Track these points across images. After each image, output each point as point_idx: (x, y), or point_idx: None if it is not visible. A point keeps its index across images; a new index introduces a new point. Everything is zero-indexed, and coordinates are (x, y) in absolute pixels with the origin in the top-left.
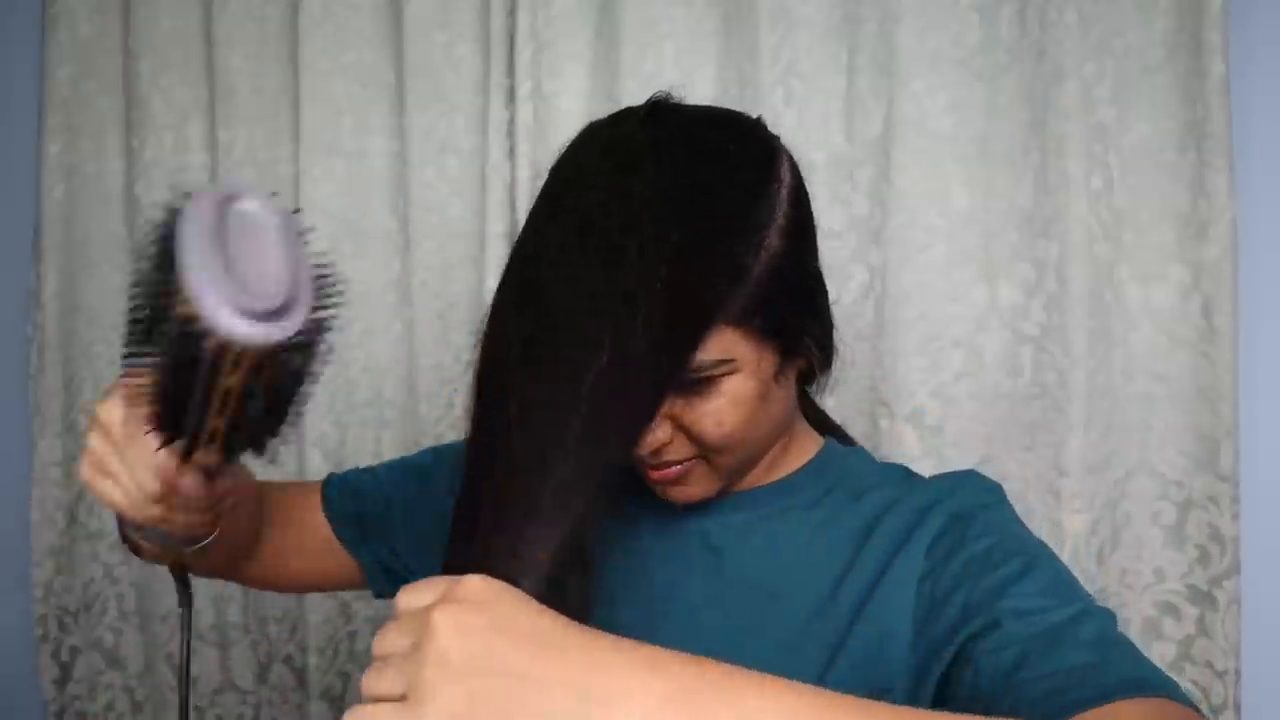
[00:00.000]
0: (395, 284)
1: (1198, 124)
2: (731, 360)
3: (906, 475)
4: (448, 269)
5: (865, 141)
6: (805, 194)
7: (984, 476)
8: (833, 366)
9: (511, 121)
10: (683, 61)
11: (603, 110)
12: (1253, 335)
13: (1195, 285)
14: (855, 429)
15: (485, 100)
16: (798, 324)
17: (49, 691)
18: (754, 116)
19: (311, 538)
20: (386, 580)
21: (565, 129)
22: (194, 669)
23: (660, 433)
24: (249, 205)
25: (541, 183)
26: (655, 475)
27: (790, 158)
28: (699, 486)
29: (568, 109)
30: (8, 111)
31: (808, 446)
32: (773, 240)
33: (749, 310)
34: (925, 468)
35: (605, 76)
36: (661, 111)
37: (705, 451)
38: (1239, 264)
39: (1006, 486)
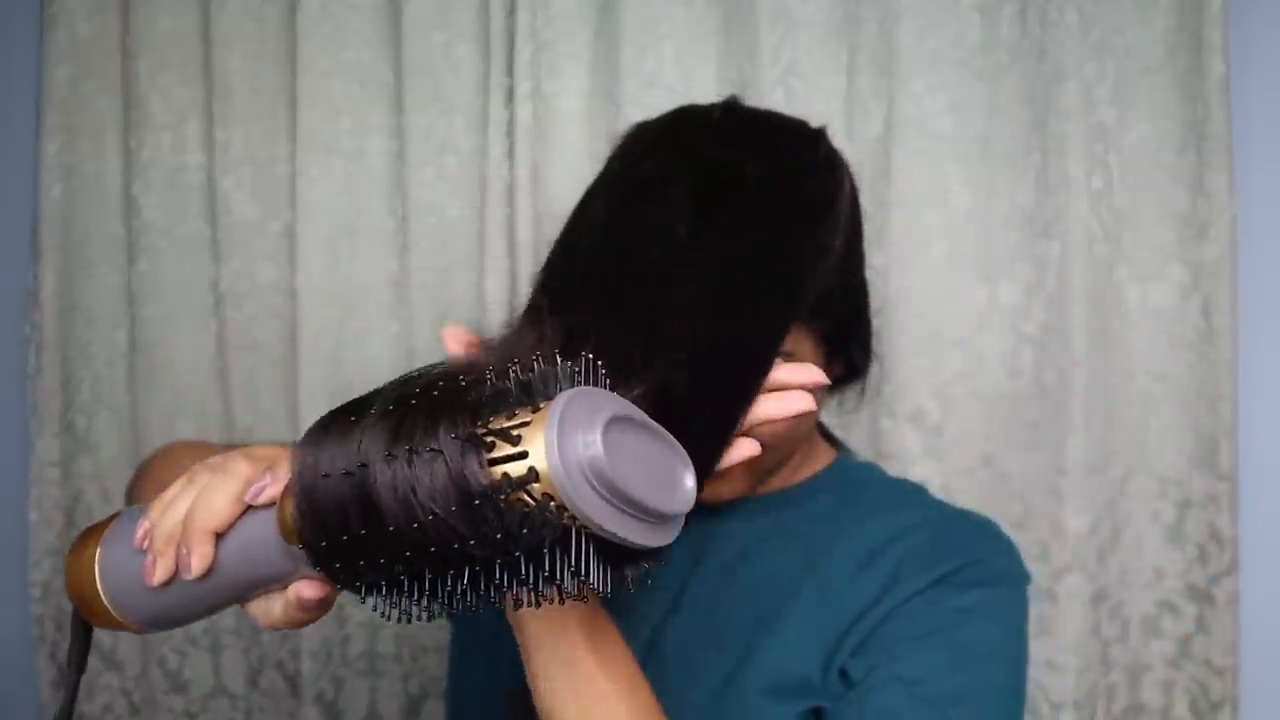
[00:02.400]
0: (393, 284)
1: (1198, 124)
2: (790, 354)
3: (922, 496)
4: (446, 269)
5: (865, 141)
6: (859, 206)
7: (1015, 557)
8: (868, 376)
9: (511, 121)
10: (683, 61)
11: (602, 110)
12: (1252, 335)
13: (1195, 285)
14: (856, 429)
15: (484, 100)
16: (847, 329)
17: (46, 694)
18: (816, 126)
19: None
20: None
21: (565, 129)
22: (186, 672)
23: None
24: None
25: (539, 184)
26: None
27: (850, 169)
28: (730, 485)
29: (567, 109)
30: (6, 111)
31: (821, 455)
32: (839, 244)
33: (813, 310)
34: (925, 468)
35: (605, 76)
36: (734, 112)
37: None
38: (1239, 264)
39: (1007, 486)
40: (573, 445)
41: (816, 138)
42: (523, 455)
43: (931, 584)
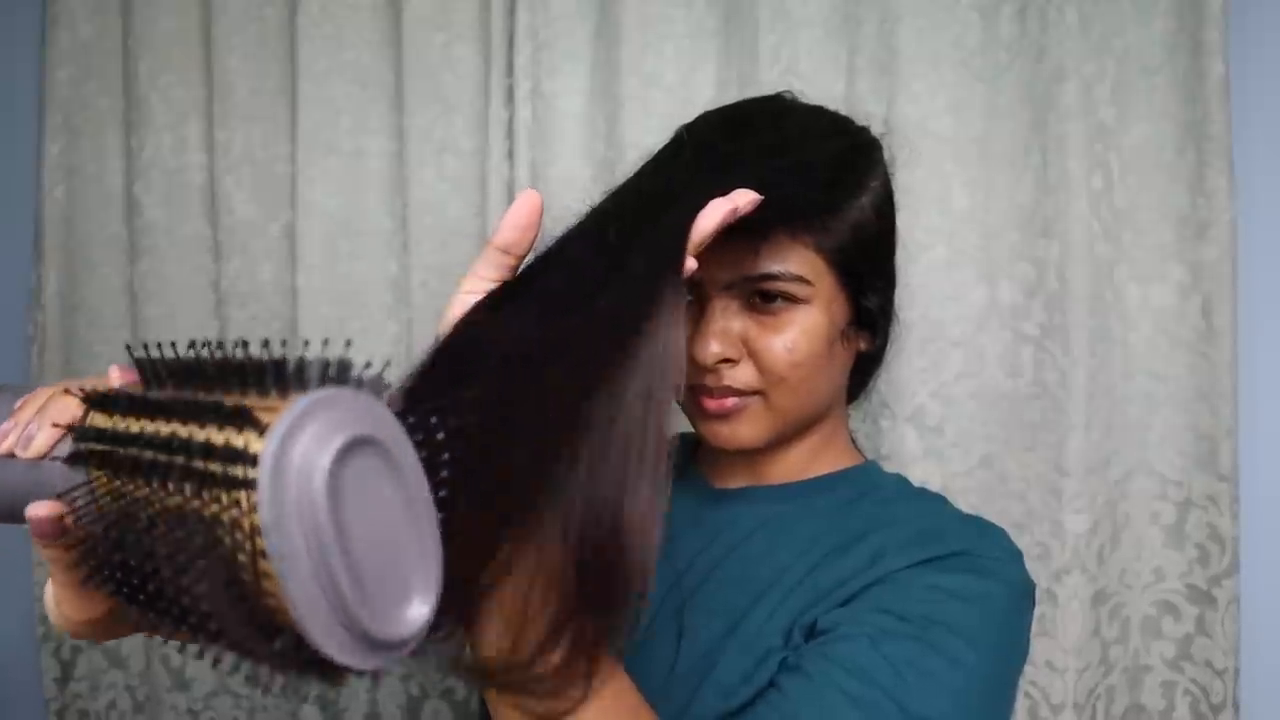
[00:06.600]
0: (393, 284)
1: (1197, 124)
2: (809, 284)
3: (938, 502)
4: (446, 269)
5: None
6: (892, 196)
7: (1017, 564)
8: (883, 358)
9: (511, 121)
10: (683, 61)
11: (602, 110)
12: (1252, 335)
13: (1194, 285)
14: (855, 430)
15: (484, 100)
16: (870, 289)
17: (50, 690)
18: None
19: None
20: None
21: (565, 129)
22: (189, 671)
23: (731, 349)
24: (373, 456)
25: (540, 184)
26: (711, 405)
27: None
28: (750, 427)
29: (567, 109)
30: (8, 112)
31: (844, 457)
32: (865, 204)
33: (835, 247)
34: (925, 468)
35: (605, 76)
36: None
37: (768, 384)
38: (1239, 264)
39: (1006, 487)
40: (293, 456)
41: (859, 125)
42: (244, 454)
43: (917, 563)
